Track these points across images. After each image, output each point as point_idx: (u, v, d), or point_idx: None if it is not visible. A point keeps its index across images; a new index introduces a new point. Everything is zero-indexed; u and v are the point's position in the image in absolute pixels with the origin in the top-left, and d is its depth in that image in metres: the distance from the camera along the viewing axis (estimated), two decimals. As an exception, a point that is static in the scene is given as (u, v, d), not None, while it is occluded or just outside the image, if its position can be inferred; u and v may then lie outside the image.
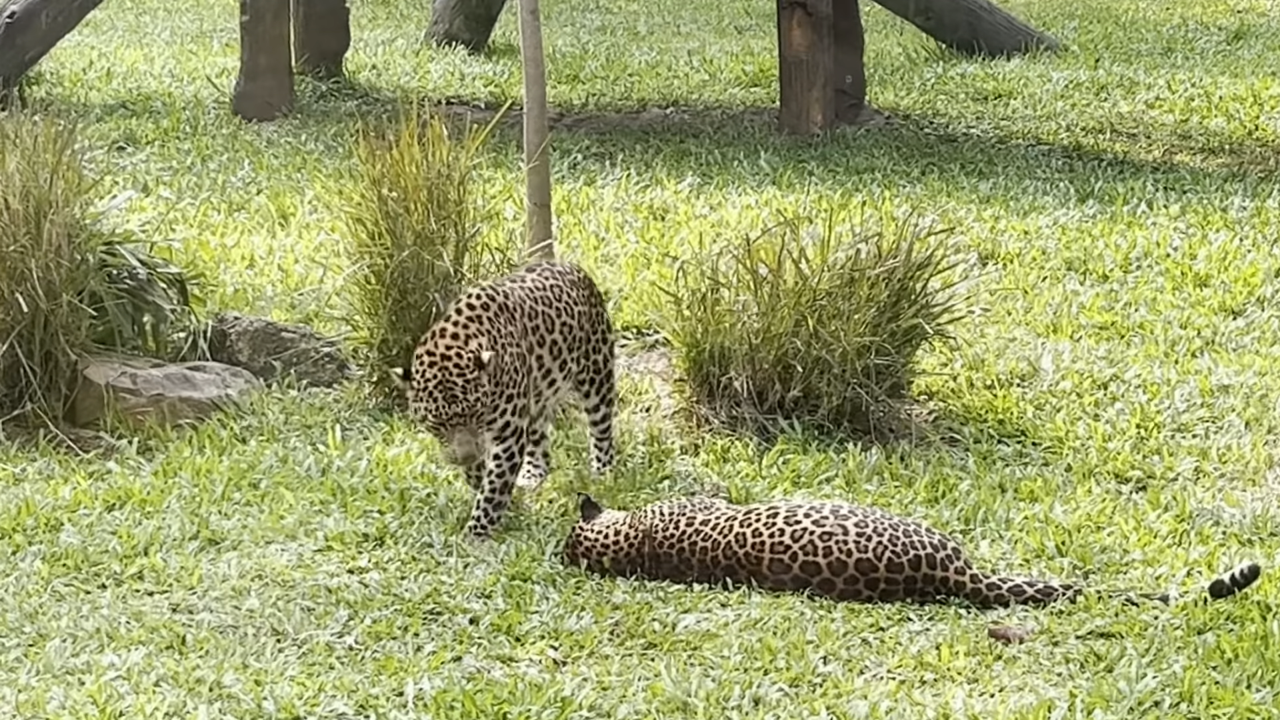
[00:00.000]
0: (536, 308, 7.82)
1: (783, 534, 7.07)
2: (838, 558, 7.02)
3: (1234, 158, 12.65)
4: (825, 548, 7.03)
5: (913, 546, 7.00)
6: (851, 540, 7.02)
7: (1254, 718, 5.96)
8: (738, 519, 7.16)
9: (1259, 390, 8.86)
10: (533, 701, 6.13)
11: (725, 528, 7.14)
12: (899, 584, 6.99)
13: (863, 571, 7.00)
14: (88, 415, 8.65)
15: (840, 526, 7.04)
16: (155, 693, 6.18)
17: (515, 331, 7.67)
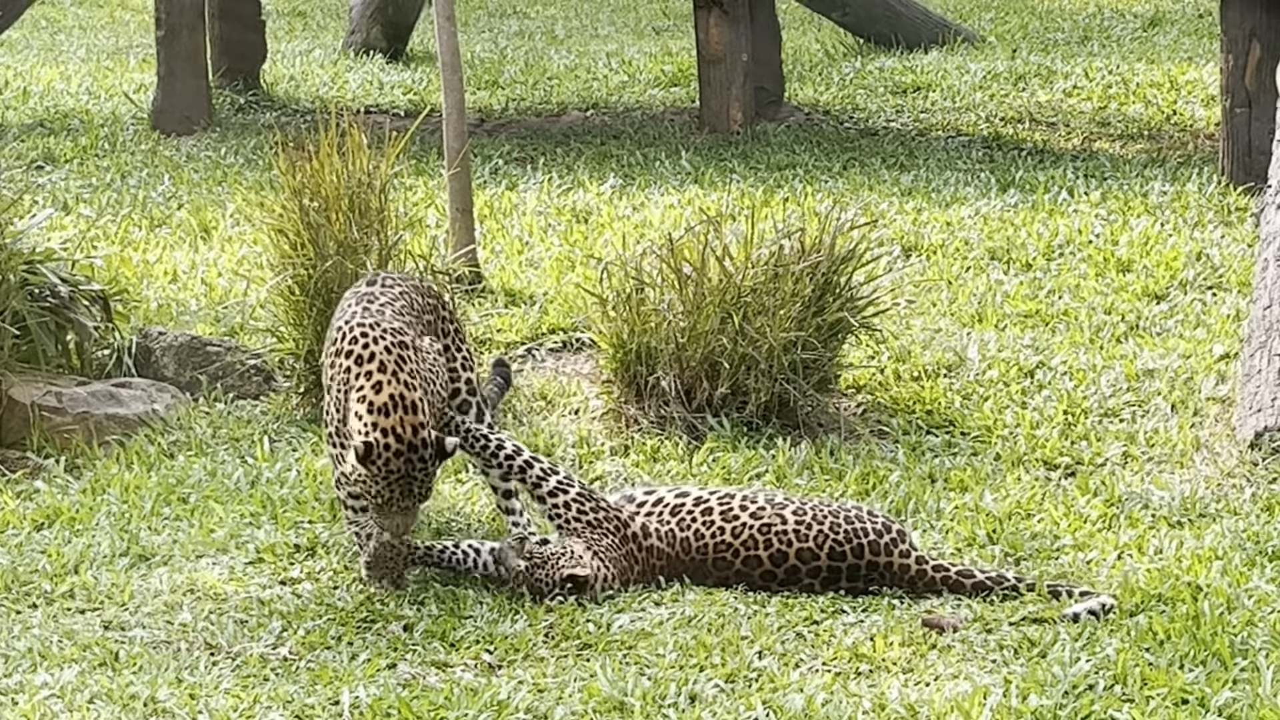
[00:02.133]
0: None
1: (723, 531, 7.09)
2: (779, 549, 7.04)
3: (1153, 143, 12.72)
4: (765, 540, 7.04)
5: (856, 534, 7.03)
6: (791, 530, 7.04)
7: (1187, 698, 6.00)
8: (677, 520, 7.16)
9: (1184, 373, 8.91)
10: (469, 706, 6.13)
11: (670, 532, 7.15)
12: (842, 572, 7.01)
13: (804, 560, 7.02)
14: (13, 435, 8.62)
15: (779, 517, 7.06)
16: (90, 710, 6.17)
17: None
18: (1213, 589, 6.77)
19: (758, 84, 13.50)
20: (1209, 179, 11.41)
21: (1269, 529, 7.32)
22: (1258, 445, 8.12)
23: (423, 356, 7.17)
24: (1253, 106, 11.21)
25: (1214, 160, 11.75)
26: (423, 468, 6.85)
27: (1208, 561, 7.06)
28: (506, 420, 8.67)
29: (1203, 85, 13.81)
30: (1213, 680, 6.09)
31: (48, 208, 10.93)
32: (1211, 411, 8.58)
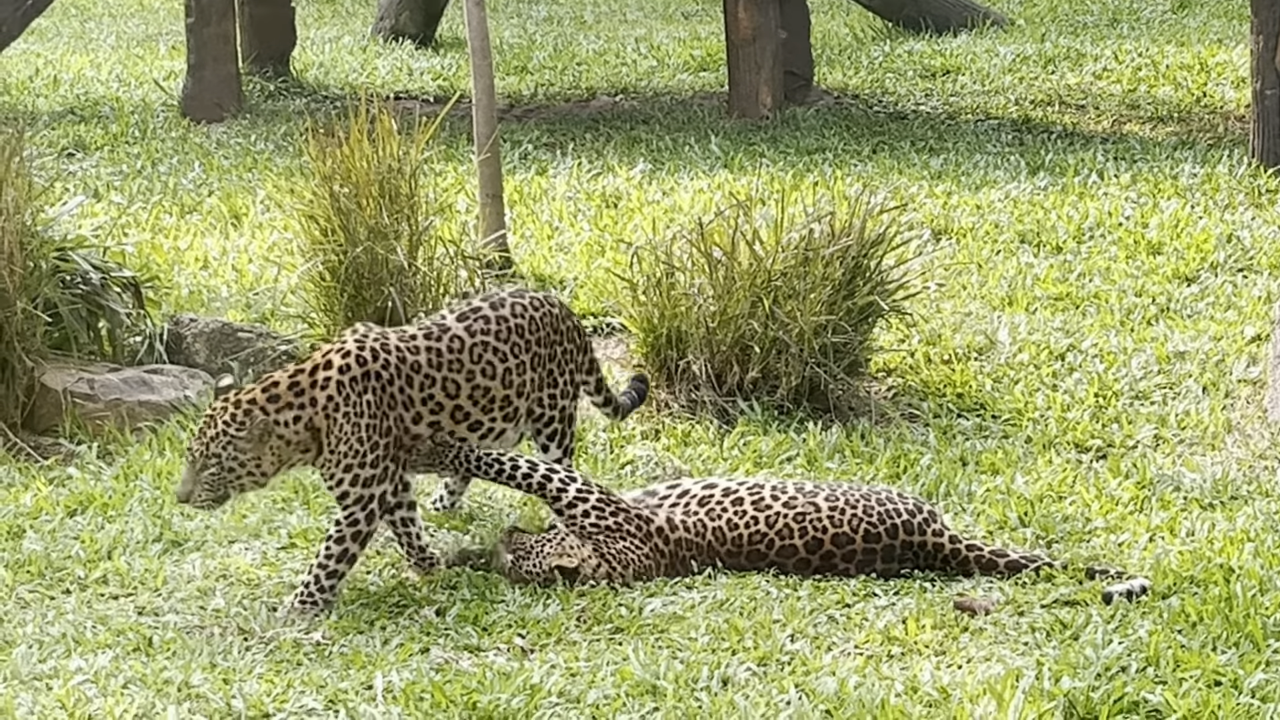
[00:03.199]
0: (431, 366, 7.18)
1: (756, 521, 7.09)
2: (814, 536, 7.04)
3: (1182, 125, 12.70)
4: (800, 528, 7.05)
5: (888, 515, 7.03)
6: (825, 516, 7.04)
7: (1220, 679, 5.99)
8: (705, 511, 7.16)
9: (1214, 355, 8.90)
10: (502, 690, 6.13)
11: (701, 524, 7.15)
12: (877, 553, 7.02)
13: (840, 545, 7.03)
14: (46, 422, 8.64)
15: (812, 504, 7.06)
16: (124, 695, 6.18)
17: (373, 401, 7.01)
18: (1245, 571, 6.76)
19: (787, 68, 13.50)
20: (1239, 161, 11.40)
21: (1301, 511, 7.33)
22: (1289, 427, 8.13)
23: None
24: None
25: (1244, 142, 11.74)
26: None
27: (1240, 543, 7.06)
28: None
29: (1233, 67, 13.79)
30: (1245, 662, 6.09)
31: (79, 195, 10.97)
32: (1243, 393, 8.57)
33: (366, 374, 6.94)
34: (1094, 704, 5.86)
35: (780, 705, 6.00)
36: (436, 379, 7.05)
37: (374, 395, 6.94)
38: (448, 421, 7.08)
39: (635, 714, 6.02)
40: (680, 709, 6.03)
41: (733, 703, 6.03)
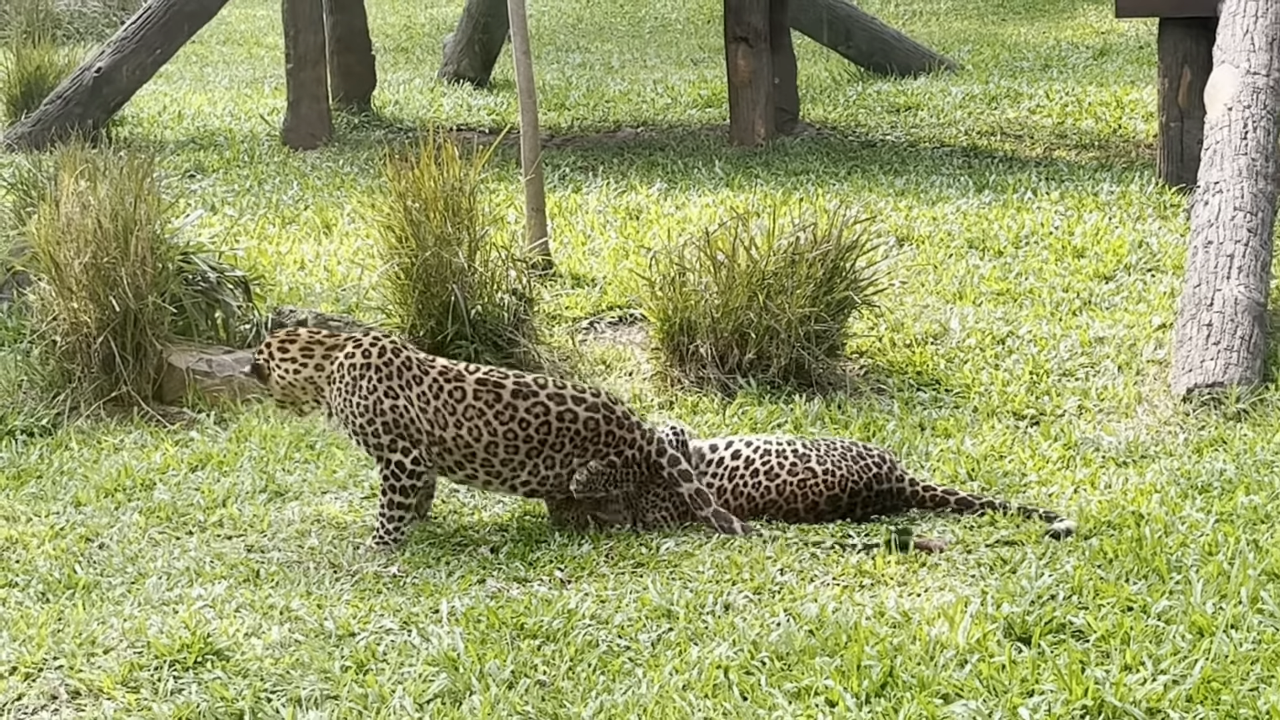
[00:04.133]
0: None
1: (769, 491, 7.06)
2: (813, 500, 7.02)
3: (1102, 152, 12.67)
4: (803, 493, 7.03)
5: (865, 470, 7.02)
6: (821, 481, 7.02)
7: (1132, 605, 5.99)
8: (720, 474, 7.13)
9: (1128, 340, 8.89)
10: (544, 614, 6.14)
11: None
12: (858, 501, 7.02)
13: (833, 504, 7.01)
14: (172, 394, 8.66)
15: (809, 470, 7.03)
16: (236, 617, 6.20)
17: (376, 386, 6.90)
18: (1152, 517, 6.75)
19: (778, 105, 13.48)
20: (1148, 181, 11.36)
21: (1198, 468, 7.30)
22: (1189, 399, 8.10)
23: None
24: (1184, 121, 11.15)
25: (1152, 165, 11.70)
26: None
27: (1148, 494, 7.05)
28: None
29: (1143, 104, 13.75)
30: (1153, 591, 6.08)
31: (198, 209, 10.98)
32: (1151, 371, 8.55)
33: (368, 365, 6.93)
34: (1028, 625, 5.86)
35: (772, 626, 6.00)
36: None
37: (379, 381, 6.92)
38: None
39: (653, 633, 6.02)
40: (690, 629, 6.03)
41: (733, 624, 6.04)
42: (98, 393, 8.56)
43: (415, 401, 6.88)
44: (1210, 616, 5.83)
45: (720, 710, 5.50)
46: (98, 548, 6.99)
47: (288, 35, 13.87)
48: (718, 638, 5.94)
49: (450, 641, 5.94)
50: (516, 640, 6.00)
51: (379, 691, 5.67)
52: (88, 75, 13.96)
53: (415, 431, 6.89)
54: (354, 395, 6.91)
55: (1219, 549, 6.41)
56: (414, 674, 5.78)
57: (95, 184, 8.70)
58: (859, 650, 5.72)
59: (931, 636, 5.83)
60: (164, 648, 5.93)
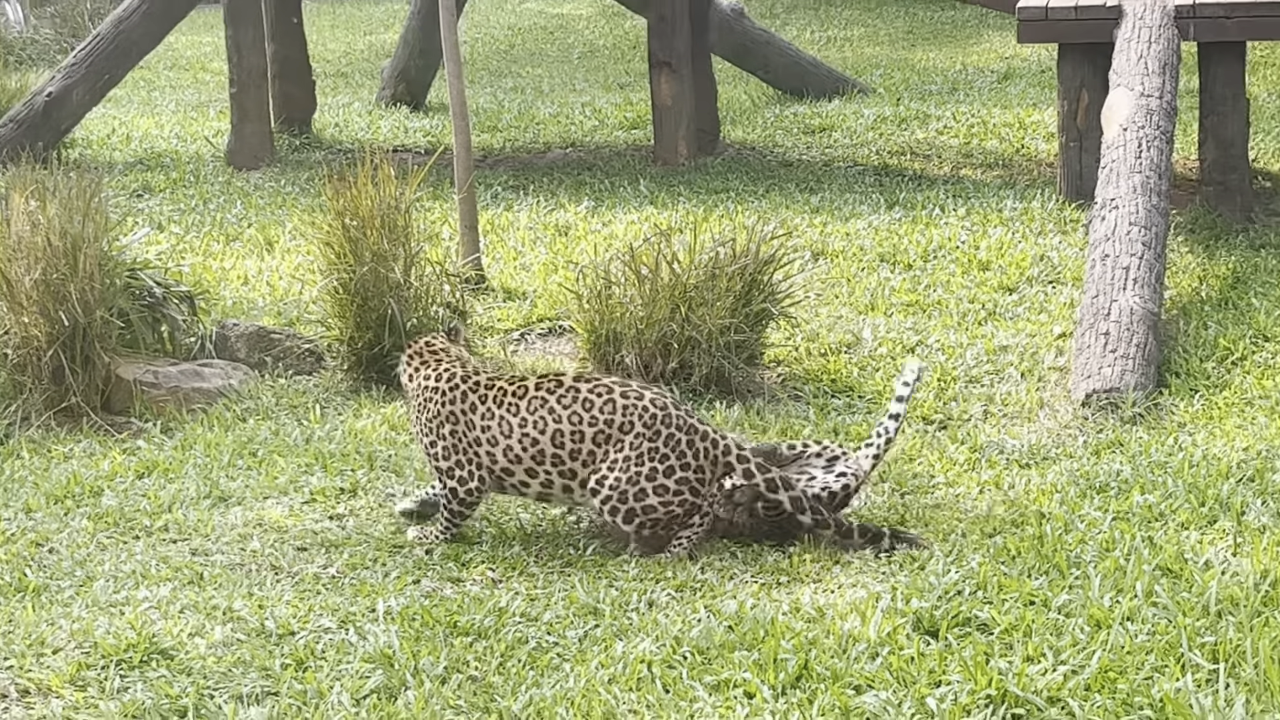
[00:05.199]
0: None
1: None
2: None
3: (1006, 171, 12.73)
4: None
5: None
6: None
7: (1034, 600, 6.01)
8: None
9: (1030, 349, 8.93)
10: (476, 612, 6.13)
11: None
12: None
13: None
14: (120, 405, 8.60)
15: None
16: (180, 618, 6.16)
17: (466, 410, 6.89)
18: (1053, 515, 6.79)
19: (699, 127, 13.49)
20: (1049, 197, 11.43)
21: (1096, 469, 7.34)
22: (1088, 404, 8.14)
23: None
24: (1083, 141, 11.23)
25: (1053, 183, 11.77)
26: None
27: (1049, 494, 7.08)
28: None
29: (1044, 125, 13.83)
30: (1053, 586, 6.11)
31: (145, 227, 10.92)
32: (1052, 378, 8.60)
33: (436, 388, 6.95)
34: (936, 619, 5.88)
35: (693, 622, 6.00)
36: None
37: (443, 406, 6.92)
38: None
39: (581, 630, 6.01)
40: (616, 625, 6.03)
41: (656, 620, 6.04)
42: (48, 403, 8.49)
43: (477, 424, 6.86)
44: (1107, 610, 5.87)
45: (644, 703, 5.49)
46: (48, 552, 6.93)
47: (231, 61, 13.81)
48: (642, 634, 5.93)
49: (386, 639, 5.92)
50: (449, 637, 5.98)
51: (318, 688, 5.64)
52: (39, 99, 13.85)
53: (475, 456, 6.87)
54: (422, 415, 6.94)
55: (1116, 546, 6.44)
56: (351, 671, 5.75)
57: (45, 203, 8.63)
58: (776, 644, 5.73)
59: (844, 631, 5.84)
60: (111, 648, 5.89)
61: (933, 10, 21.19)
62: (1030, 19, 11.31)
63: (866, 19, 21.15)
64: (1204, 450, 7.44)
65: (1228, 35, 11.03)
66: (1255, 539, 6.44)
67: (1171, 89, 10.42)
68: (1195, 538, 6.53)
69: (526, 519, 7.13)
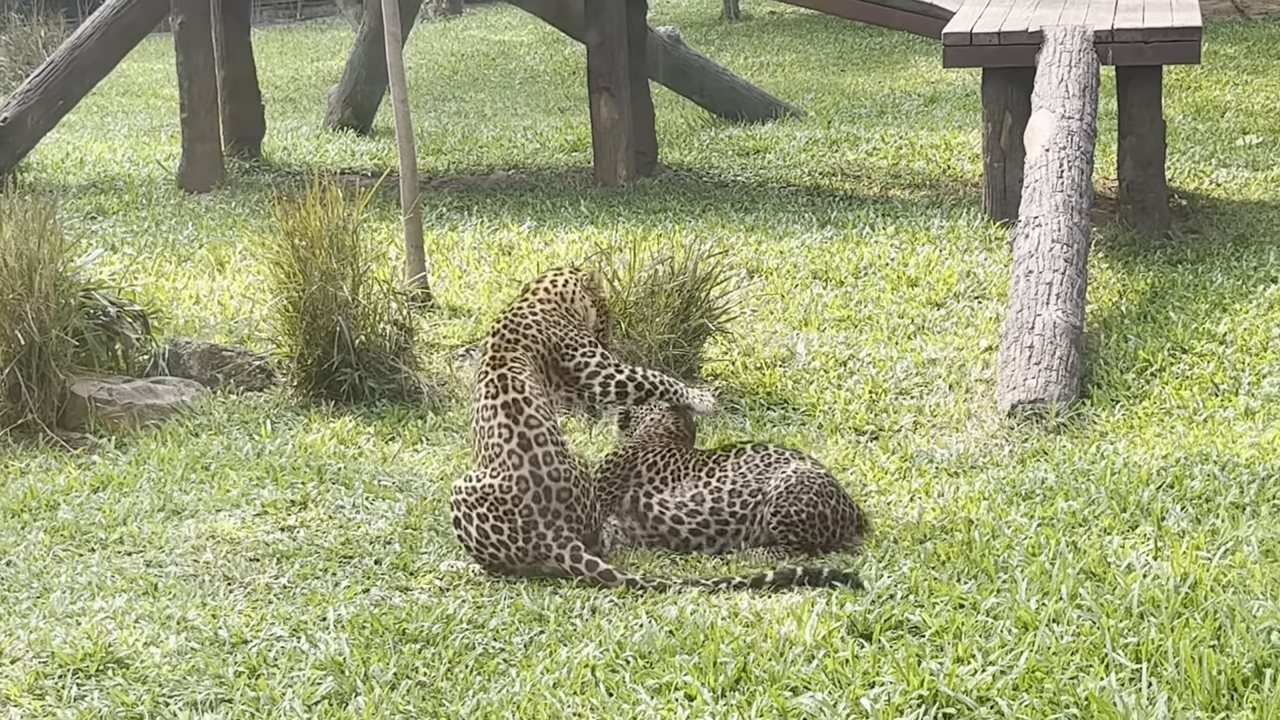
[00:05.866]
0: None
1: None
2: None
3: (933, 190, 12.79)
4: None
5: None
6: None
7: (963, 603, 6.03)
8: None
9: (958, 362, 8.96)
10: (424, 619, 6.11)
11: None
12: None
13: None
14: (75, 421, 8.54)
15: None
16: (136, 628, 6.11)
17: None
18: (981, 522, 6.81)
19: (637, 149, 13.51)
20: (975, 216, 11.49)
21: (1022, 476, 7.37)
22: (1014, 414, 8.18)
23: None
24: (1006, 161, 11.29)
25: (978, 202, 11.83)
26: None
27: (977, 502, 7.11)
28: (450, 404, 8.64)
29: (969, 146, 13.90)
30: (982, 590, 6.13)
31: (99, 248, 10.83)
32: (979, 389, 8.63)
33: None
34: (870, 623, 5.89)
35: (635, 628, 5.99)
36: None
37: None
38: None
39: (526, 636, 6.00)
40: (560, 631, 6.02)
41: (599, 626, 6.03)
42: (4, 420, 8.42)
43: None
44: (1034, 612, 5.89)
45: (588, 706, 5.48)
46: (5, 565, 6.87)
47: (182, 86, 13.74)
48: (585, 639, 5.93)
49: (337, 647, 5.89)
50: (399, 644, 5.96)
51: (270, 694, 5.61)
52: (-7, 124, 13.76)
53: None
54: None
55: (1041, 550, 6.47)
56: (303, 678, 5.72)
57: (1, 225, 8.57)
58: (715, 648, 5.73)
59: (781, 635, 5.85)
60: (68, 657, 5.84)
61: (862, 36, 21.27)
62: (955, 44, 11.38)
63: (797, 45, 21.22)
64: (1125, 458, 7.48)
65: (1144, 60, 11.12)
66: (1175, 543, 6.48)
67: (1091, 111, 10.49)
68: (1118, 542, 6.56)
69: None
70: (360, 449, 8.04)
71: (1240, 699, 5.26)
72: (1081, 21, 11.38)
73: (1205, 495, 6.98)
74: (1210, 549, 6.41)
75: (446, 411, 8.54)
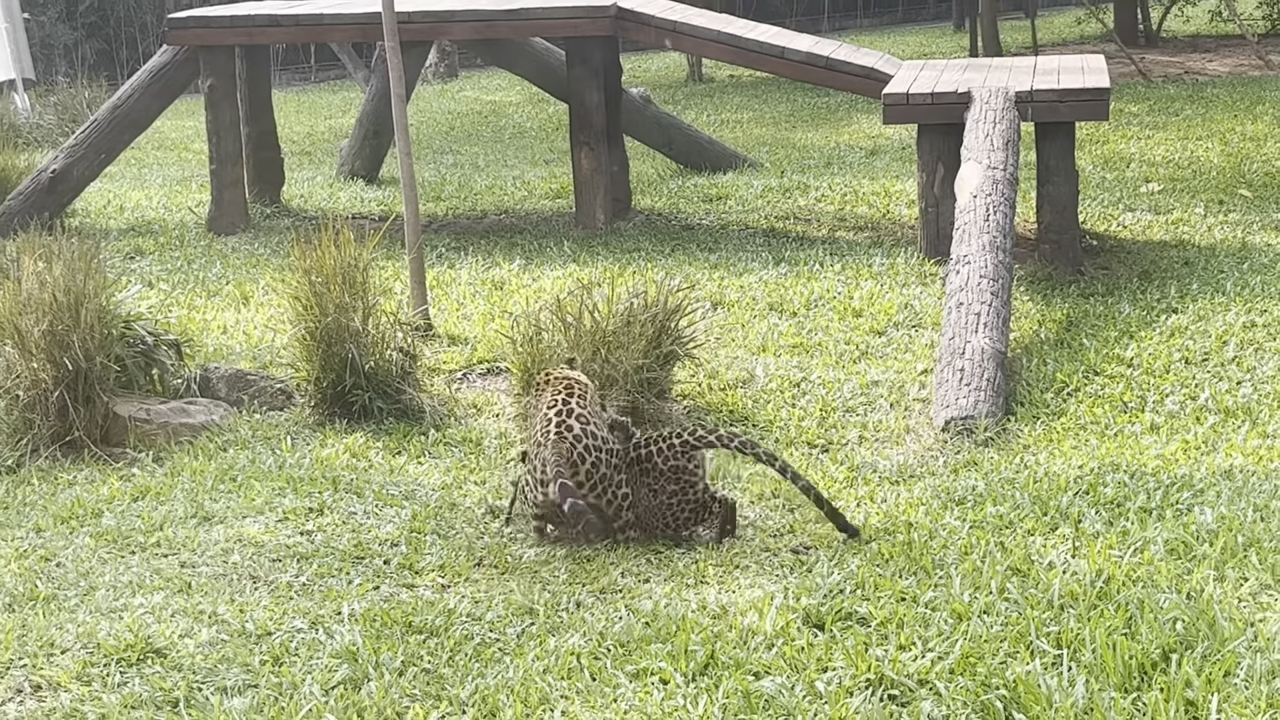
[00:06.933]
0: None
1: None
2: None
3: (874, 232, 12.81)
4: None
5: None
6: None
7: (905, 597, 6.04)
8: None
9: (898, 383, 8.97)
10: (428, 613, 6.09)
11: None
12: None
13: None
14: (117, 438, 8.50)
15: None
16: (172, 622, 6.09)
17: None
18: (919, 524, 6.82)
19: (614, 196, 13.51)
20: (912, 255, 11.50)
21: (955, 484, 7.38)
22: (947, 429, 8.18)
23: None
24: (939, 206, 11.32)
25: (914, 243, 11.85)
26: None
27: (916, 507, 7.11)
28: (450, 422, 8.62)
29: (906, 193, 13.93)
30: (921, 585, 6.14)
31: (137, 285, 10.82)
32: (916, 408, 8.64)
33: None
34: (823, 615, 5.89)
35: (615, 619, 5.99)
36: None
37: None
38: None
39: (519, 627, 5.98)
40: (549, 623, 6.01)
41: (583, 619, 6.02)
42: (54, 437, 8.38)
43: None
44: (967, 604, 5.89)
45: (574, 690, 5.47)
46: (55, 566, 6.83)
47: (211, 141, 13.71)
48: (571, 630, 5.92)
49: (351, 638, 5.87)
50: (405, 635, 5.94)
51: (292, 680, 5.59)
52: (44, 175, 13.71)
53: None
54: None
55: (973, 550, 6.48)
56: (321, 665, 5.70)
57: (51, 265, 8.54)
58: (686, 638, 5.72)
59: (745, 625, 5.84)
60: (111, 648, 5.82)
61: (810, 97, 21.35)
62: (894, 104, 11.41)
63: (754, 104, 21.28)
64: (1046, 468, 7.49)
65: (1060, 116, 11.15)
66: (1090, 543, 6.49)
67: (1014, 162, 10.52)
68: (1040, 543, 6.57)
69: (471, 533, 7.10)
70: (370, 462, 8.02)
71: (1150, 681, 5.27)
72: (1004, 84, 11.41)
73: (1116, 500, 7.00)
74: (1121, 548, 6.43)
75: (447, 428, 8.52)
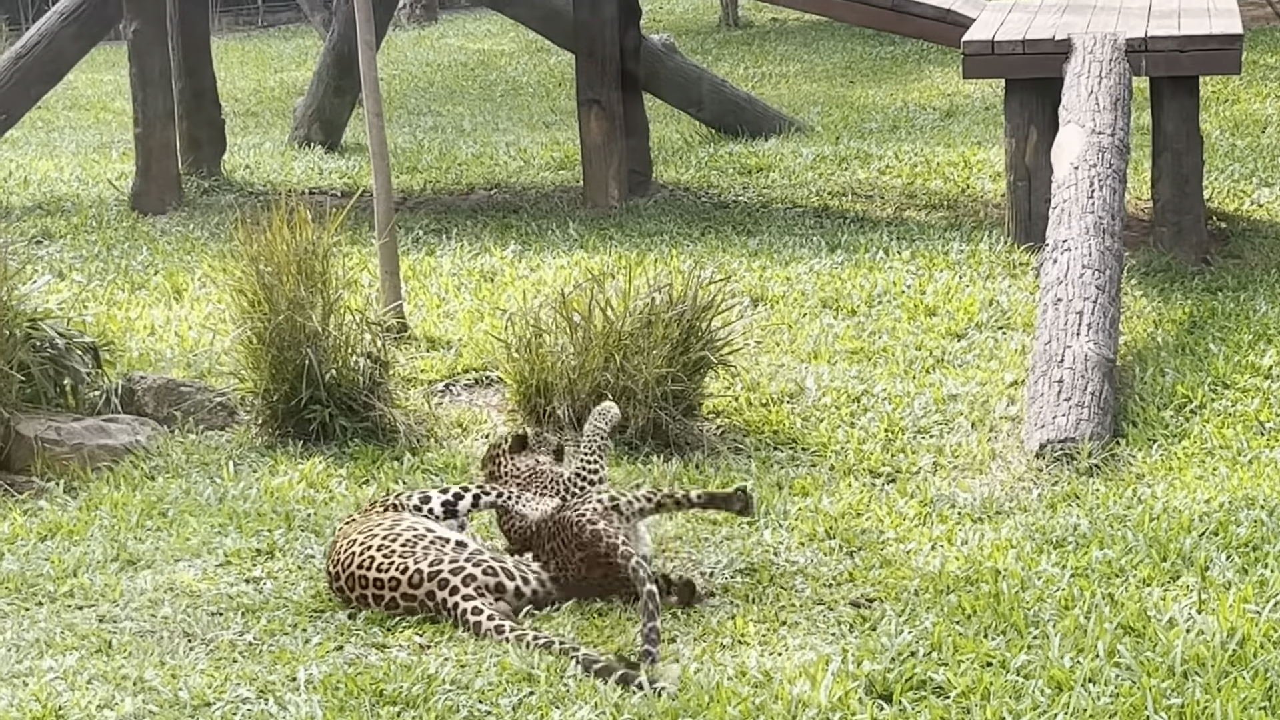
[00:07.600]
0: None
1: None
2: None
3: (951, 212, 12.80)
4: None
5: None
6: None
7: (991, 661, 6.02)
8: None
9: (981, 398, 8.96)
10: (404, 680, 6.08)
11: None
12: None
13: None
14: (21, 463, 8.51)
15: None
16: (88, 689, 6.09)
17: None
18: (1009, 572, 6.80)
19: (630, 167, 13.51)
20: (997, 240, 11.50)
21: (1053, 522, 7.36)
22: (1042, 454, 8.17)
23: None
24: (1031, 180, 11.31)
25: (1001, 224, 11.84)
26: None
27: (1004, 550, 7.09)
28: (429, 444, 8.62)
29: (990, 164, 13.93)
30: (1011, 646, 6.12)
31: (46, 275, 10.84)
32: (1004, 428, 8.63)
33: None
34: (890, 683, 5.87)
35: (634, 688, 5.97)
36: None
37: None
38: None
39: (515, 698, 5.98)
40: (552, 693, 6.00)
41: (594, 687, 6.01)
42: (-58, 463, 8.41)
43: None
44: (1068, 671, 5.88)
45: (583, 774, 5.46)
46: (-56, 621, 6.85)
47: (135, 100, 13.74)
48: (580, 701, 5.90)
49: (309, 709, 5.87)
50: (376, 707, 5.94)
51: (236, 762, 5.59)
52: (-69, 140, 13.76)
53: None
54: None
55: (1075, 603, 6.46)
56: (271, 743, 5.70)
57: (-61, 250, 8.56)
58: (721, 711, 5.71)
59: (793, 696, 5.83)
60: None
61: (871, 45, 21.31)
62: (976, 54, 11.40)
63: (802, 54, 21.27)
64: (1164, 502, 7.48)
65: (1181, 70, 11.14)
66: (1221, 595, 6.47)
67: (1124, 126, 10.51)
68: (1158, 594, 6.55)
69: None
70: (331, 493, 8.02)
71: (1295, 765, 5.25)
72: (1112, 29, 11.40)
73: (1252, 543, 6.98)
74: (1259, 601, 6.40)
75: (425, 452, 8.52)
